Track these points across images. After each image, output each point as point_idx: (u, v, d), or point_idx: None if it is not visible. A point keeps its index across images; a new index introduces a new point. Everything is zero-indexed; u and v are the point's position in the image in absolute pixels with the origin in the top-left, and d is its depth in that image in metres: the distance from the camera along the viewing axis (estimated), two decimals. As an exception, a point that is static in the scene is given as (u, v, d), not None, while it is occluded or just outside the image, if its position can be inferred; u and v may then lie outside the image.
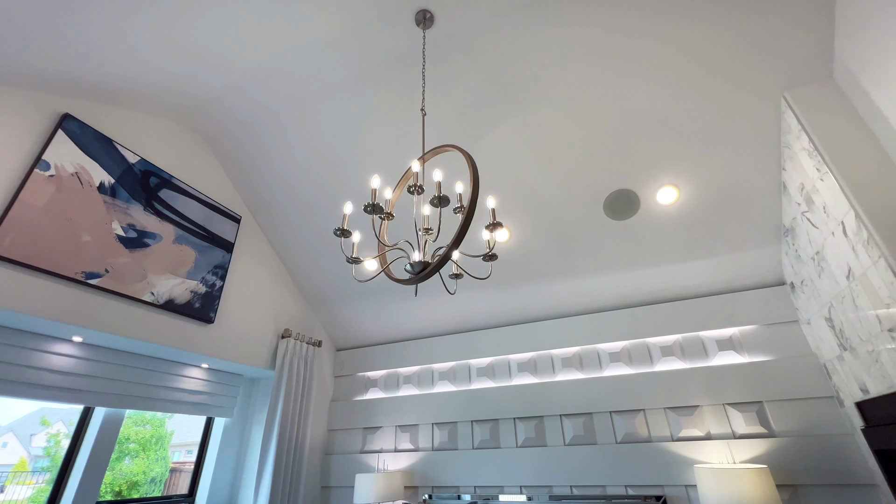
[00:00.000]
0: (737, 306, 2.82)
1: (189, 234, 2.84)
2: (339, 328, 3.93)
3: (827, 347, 2.39)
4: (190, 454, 3.27)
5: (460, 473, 3.10)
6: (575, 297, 3.18)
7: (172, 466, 3.28)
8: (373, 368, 3.83)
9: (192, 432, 3.26)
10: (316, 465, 3.53)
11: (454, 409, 3.33)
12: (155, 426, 3.29)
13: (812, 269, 2.35)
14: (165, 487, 3.12)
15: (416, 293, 1.69)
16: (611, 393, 2.91)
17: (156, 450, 3.26)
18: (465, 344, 3.54)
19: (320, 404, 3.73)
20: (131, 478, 3.00)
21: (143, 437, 3.23)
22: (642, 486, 2.63)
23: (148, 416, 3.20)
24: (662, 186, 2.59)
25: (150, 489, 3.03)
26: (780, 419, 2.49)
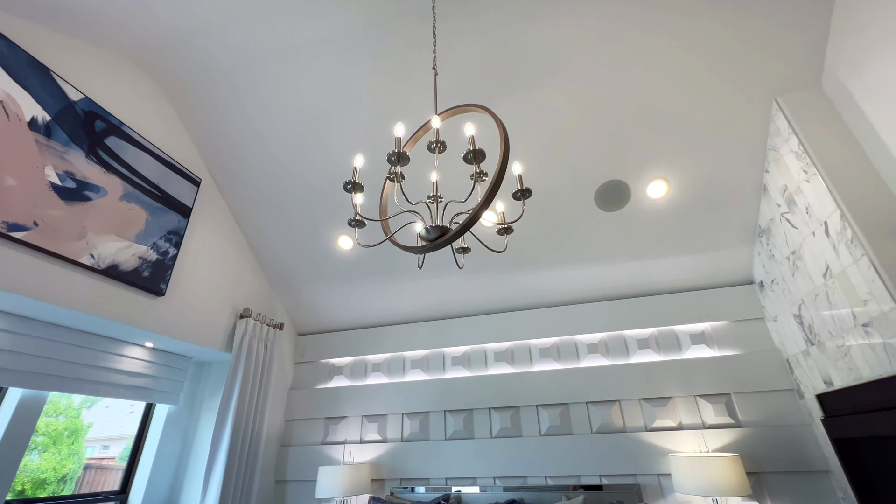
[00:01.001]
0: (709, 303, 2.93)
1: (140, 191, 2.46)
2: (302, 311, 3.64)
3: (792, 343, 2.53)
4: (106, 449, 2.87)
5: (431, 465, 2.97)
6: (556, 287, 3.16)
7: (87, 463, 2.86)
8: (338, 355, 3.59)
9: (114, 426, 2.85)
10: (271, 458, 3.24)
11: (426, 398, 3.19)
12: (70, 417, 2.85)
13: (786, 268, 2.47)
14: (77, 486, 2.70)
15: (421, 264, 1.53)
16: (587, 384, 2.92)
17: (68, 444, 2.83)
18: (440, 332, 3.41)
19: (278, 392, 3.43)
20: (38, 475, 2.57)
21: (55, 429, 2.79)
22: (616, 476, 2.65)
23: (62, 406, 2.76)
24: (654, 180, 2.61)
25: (60, 488, 2.61)
26: (746, 410, 2.61)
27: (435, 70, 1.77)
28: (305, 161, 2.82)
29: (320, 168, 2.84)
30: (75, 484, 2.66)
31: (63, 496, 2.38)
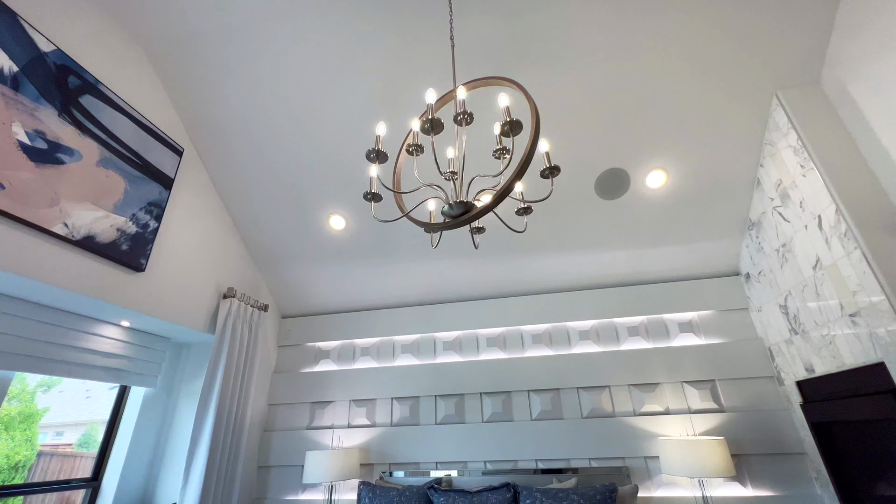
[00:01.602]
0: (697, 293, 3.01)
1: (118, 157, 2.27)
2: (287, 293, 3.51)
3: (775, 332, 2.64)
4: (60, 436, 2.69)
5: (422, 449, 2.95)
6: (550, 274, 3.17)
7: (41, 450, 2.68)
8: (325, 339, 3.49)
9: (71, 412, 2.66)
10: (254, 444, 3.14)
11: (417, 383, 3.16)
12: (24, 401, 2.66)
13: (774, 260, 2.55)
14: (30, 475, 2.53)
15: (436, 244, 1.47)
16: (578, 370, 2.96)
17: (21, 430, 2.64)
18: (432, 317, 3.37)
19: (262, 376, 3.31)
20: (-12, 462, 2.39)
21: (8, 414, 2.59)
22: (605, 459, 2.71)
23: (16, 390, 2.56)
24: (653, 170, 2.63)
25: (11, 476, 2.44)
26: (729, 396, 2.71)
27: (452, 41, 1.69)
28: (298, 135, 2.68)
29: (314, 143, 2.70)
30: (28, 472, 2.48)
31: (30, 484, 2.21)
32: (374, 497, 2.56)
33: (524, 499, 2.37)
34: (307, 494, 3.00)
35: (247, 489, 2.99)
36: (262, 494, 3.07)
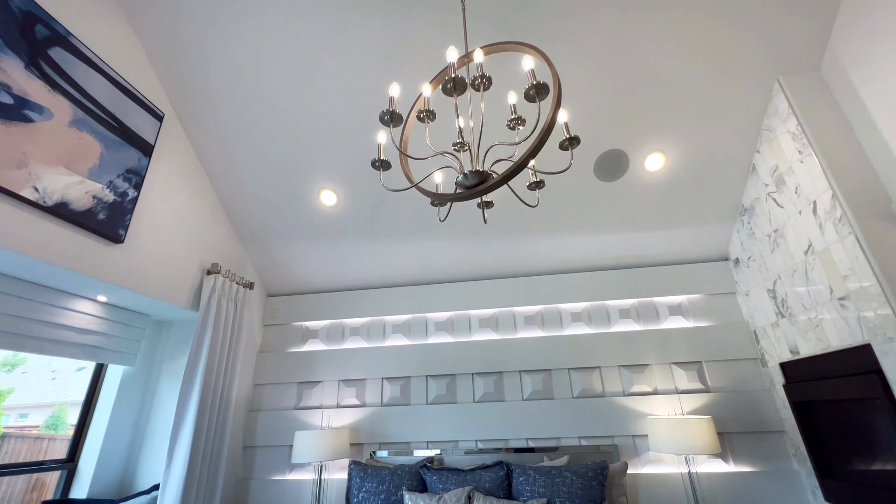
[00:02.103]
0: (687, 277, 3.06)
1: (93, 118, 2.09)
2: (273, 270, 3.39)
3: (761, 315, 2.71)
4: (24, 418, 2.56)
5: (412, 429, 2.94)
6: (544, 256, 3.15)
7: (5, 432, 2.54)
8: (314, 318, 3.40)
9: (35, 394, 2.53)
10: (239, 424, 3.05)
11: (408, 363, 3.12)
12: None
13: (765, 245, 2.60)
14: None
15: (445, 217, 1.41)
16: (570, 351, 2.98)
17: None
18: (424, 297, 3.32)
19: (247, 355, 3.21)
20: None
21: None
22: (595, 437, 2.76)
23: None
24: (653, 153, 2.62)
25: None
26: (715, 377, 2.79)
27: (463, 4, 1.60)
28: (288, 102, 2.54)
29: (306, 111, 2.57)
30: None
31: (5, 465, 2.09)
32: (366, 476, 2.54)
33: (517, 476, 2.39)
34: (295, 474, 2.96)
35: (232, 470, 2.92)
36: (247, 475, 3.01)
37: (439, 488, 2.42)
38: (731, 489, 2.51)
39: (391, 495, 2.44)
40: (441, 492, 2.40)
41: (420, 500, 2.30)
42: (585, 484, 2.26)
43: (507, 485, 2.40)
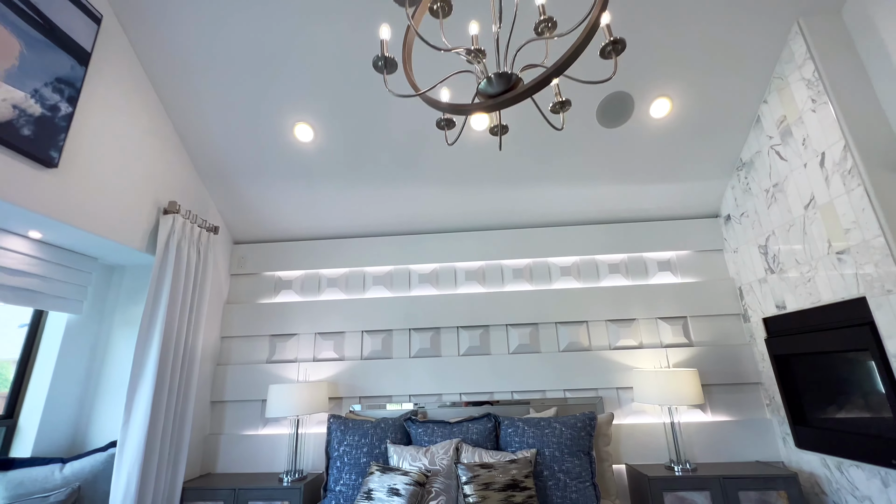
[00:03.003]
0: (677, 233, 3.02)
1: (7, 7, 1.68)
2: (241, 215, 3.07)
3: (749, 272, 2.72)
4: None
5: (394, 383, 2.83)
6: (537, 208, 3.01)
7: None
8: (287, 268, 3.15)
9: None
10: (206, 378, 2.84)
11: (390, 316, 2.97)
12: None
13: (761, 200, 2.56)
14: None
15: (454, 141, 1.20)
16: (558, 305, 2.91)
17: None
18: (407, 248, 3.13)
19: (213, 306, 2.94)
20: None
21: None
22: (579, 390, 2.75)
23: None
24: (659, 97, 2.46)
25: None
26: (699, 332, 2.81)
27: None
28: (256, 11, 2.16)
29: (277, 24, 2.20)
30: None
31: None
32: (347, 430, 2.42)
33: (506, 428, 2.34)
34: (269, 429, 2.81)
35: (200, 425, 2.73)
36: (217, 430, 2.83)
37: (425, 441, 2.34)
38: (708, 437, 2.59)
39: (374, 448, 2.34)
40: (427, 444, 2.32)
41: (406, 453, 2.22)
42: (574, 434, 2.23)
43: (494, 437, 2.35)
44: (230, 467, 2.73)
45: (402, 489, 1.95)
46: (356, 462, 2.30)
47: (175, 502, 2.30)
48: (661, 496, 2.21)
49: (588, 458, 2.22)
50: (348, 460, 2.31)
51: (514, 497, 1.89)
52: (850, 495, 2.08)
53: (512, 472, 1.97)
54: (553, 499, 2.09)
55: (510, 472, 1.96)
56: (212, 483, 2.45)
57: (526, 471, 2.00)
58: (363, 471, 2.27)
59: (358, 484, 2.24)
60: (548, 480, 2.12)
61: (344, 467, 2.30)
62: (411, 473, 2.01)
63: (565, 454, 2.18)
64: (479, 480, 1.90)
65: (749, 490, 2.20)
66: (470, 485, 1.90)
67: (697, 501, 2.20)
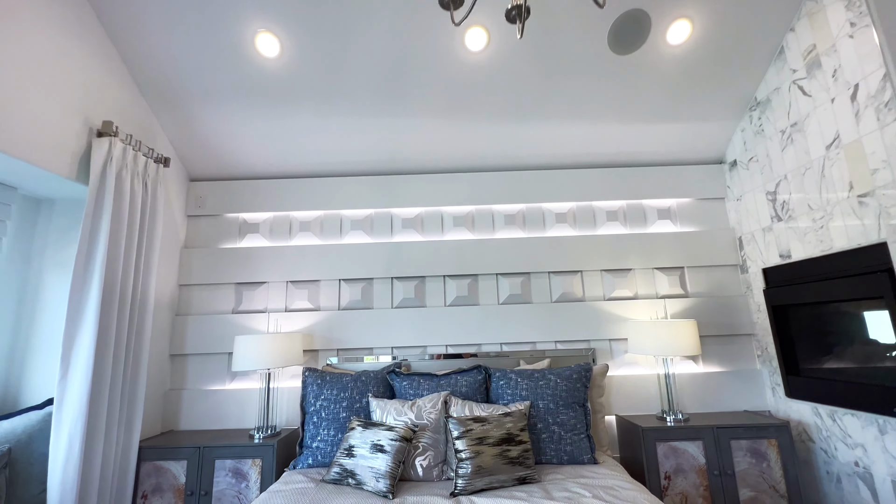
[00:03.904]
0: (679, 179, 2.83)
1: None
2: (196, 146, 2.66)
3: (752, 221, 2.58)
4: None
5: (375, 334, 2.62)
6: (533, 147, 2.73)
7: None
8: (253, 209, 2.80)
9: None
10: (163, 330, 2.54)
11: (370, 263, 2.71)
12: None
13: (775, 143, 2.38)
14: None
15: (461, 20, 0.91)
16: (551, 254, 2.73)
17: None
18: (390, 189, 2.83)
19: (167, 250, 2.60)
20: None
21: None
22: (571, 342, 2.63)
23: None
24: (678, 18, 2.17)
25: None
26: (695, 283, 2.70)
27: None
28: None
29: None
30: None
31: None
32: (324, 384, 2.22)
33: (497, 380, 2.19)
34: (237, 383, 2.58)
35: (157, 380, 2.47)
36: (178, 385, 2.58)
37: (410, 394, 2.17)
38: (698, 388, 2.54)
39: (354, 402, 2.15)
40: (413, 397, 2.15)
41: (390, 407, 2.04)
42: (570, 386, 2.11)
43: (485, 389, 2.21)
44: (195, 424, 2.51)
45: (388, 445, 1.78)
46: (335, 417, 2.11)
47: (131, 462, 2.08)
48: (654, 446, 2.15)
49: (583, 409, 2.11)
50: (326, 415, 2.12)
51: (510, 451, 1.75)
52: (840, 442, 2.06)
53: (507, 425, 1.82)
54: (547, 451, 1.98)
55: (505, 426, 1.82)
56: (174, 441, 2.23)
57: (521, 424, 1.86)
58: (343, 426, 2.09)
59: (337, 440, 2.06)
60: (542, 433, 2.01)
61: (321, 423, 2.12)
62: (397, 428, 1.84)
63: (560, 406, 2.06)
64: (472, 435, 1.75)
65: (741, 439, 2.16)
66: (462, 440, 1.74)
67: (690, 451, 2.15)
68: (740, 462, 2.13)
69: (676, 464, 2.14)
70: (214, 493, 2.10)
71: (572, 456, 1.97)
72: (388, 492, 1.66)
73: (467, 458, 1.69)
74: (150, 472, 2.13)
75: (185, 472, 2.12)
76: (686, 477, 2.12)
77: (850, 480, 2.01)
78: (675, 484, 2.12)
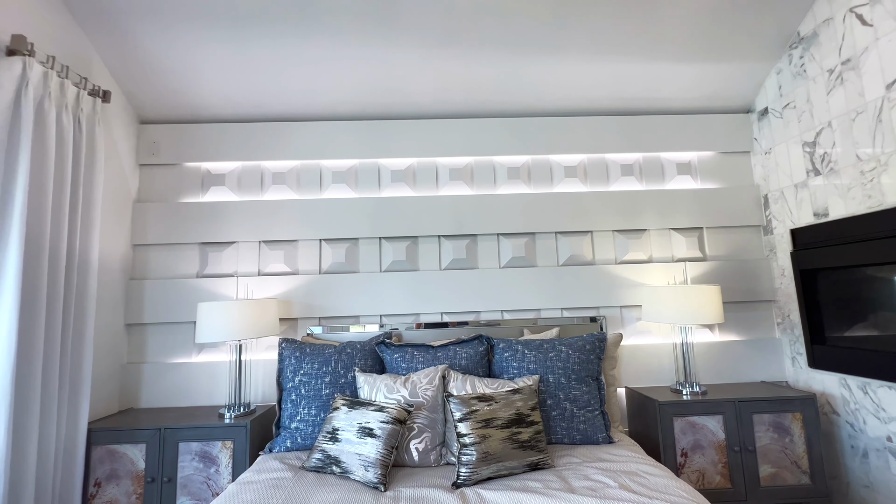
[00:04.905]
0: (701, 130, 2.54)
1: None
2: (145, 80, 2.23)
3: (783, 176, 2.32)
4: None
5: (362, 301, 2.33)
6: (541, 90, 2.38)
7: None
8: (218, 157, 2.41)
9: None
10: (115, 296, 2.20)
11: (355, 222, 2.39)
12: None
13: (820, 84, 2.08)
14: None
15: None
16: (559, 212, 2.44)
17: None
18: (378, 136, 2.46)
19: (115, 205, 2.21)
20: None
21: None
22: (578, 309, 2.39)
23: None
24: (725, -74, 1.80)
25: None
26: (714, 245, 2.47)
27: None
28: None
29: None
30: None
31: None
32: (304, 356, 1.94)
33: (502, 352, 1.94)
34: (205, 356, 2.29)
35: (110, 352, 2.15)
36: (137, 358, 2.27)
37: (402, 368, 1.91)
38: (712, 358, 2.35)
39: (338, 377, 1.89)
40: (406, 371, 1.89)
41: (380, 383, 1.78)
42: (583, 358, 1.88)
43: (486, 362, 1.96)
44: (157, 401, 2.23)
45: (378, 428, 1.52)
46: (317, 394, 1.85)
47: (79, 446, 1.79)
48: (671, 422, 1.96)
49: (597, 383, 1.89)
50: (306, 392, 1.86)
51: (520, 434, 1.52)
52: (871, 416, 1.90)
53: (516, 404, 1.58)
54: (558, 431, 1.76)
55: (514, 405, 1.58)
56: (132, 421, 1.95)
57: (532, 402, 1.62)
58: (325, 405, 1.83)
59: (319, 420, 1.81)
60: (551, 411, 1.78)
61: (301, 400, 1.85)
62: (388, 409, 1.58)
63: (572, 380, 1.83)
64: (477, 417, 1.51)
65: (763, 413, 1.99)
66: (465, 422, 1.50)
67: (709, 426, 1.97)
68: (762, 437, 1.97)
69: (694, 440, 1.96)
70: (179, 479, 1.84)
71: (586, 435, 1.76)
72: (378, 482, 1.42)
73: (472, 444, 1.45)
74: (104, 458, 1.85)
75: (144, 456, 1.85)
76: (704, 454, 1.95)
77: (880, 456, 1.87)
78: (692, 461, 1.95)
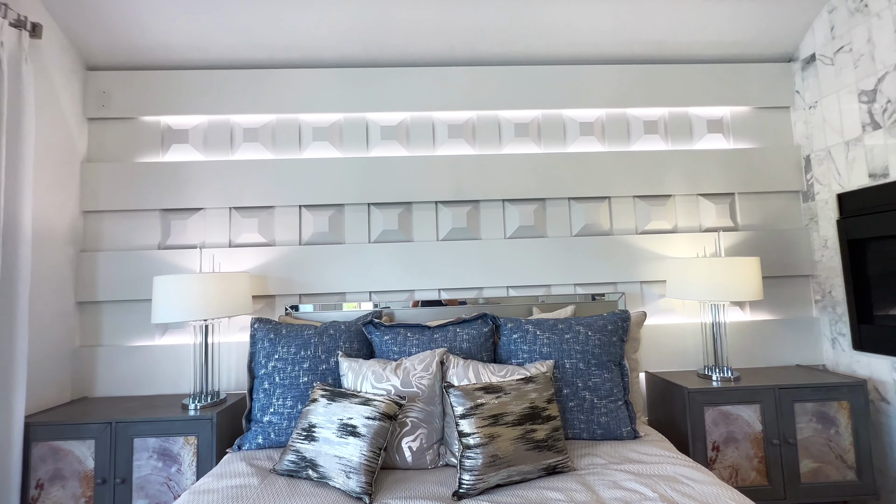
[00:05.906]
0: (735, 81, 2.22)
1: None
2: (88, 14, 1.88)
3: (829, 133, 2.02)
4: None
5: (347, 276, 2.05)
6: (551, 33, 2.05)
7: None
8: (179, 111, 2.08)
9: None
10: (61, 270, 1.90)
11: (340, 185, 2.08)
12: None
13: (886, 21, 1.76)
14: None
15: None
16: (573, 175, 2.14)
17: None
18: (364, 86, 2.13)
19: (56, 164, 1.89)
20: None
21: None
22: (595, 285, 2.12)
23: None
24: None
25: None
26: (746, 213, 2.19)
27: None
28: None
29: None
30: None
31: None
32: (279, 339, 1.66)
33: (510, 333, 1.67)
34: (170, 338, 2.01)
35: (57, 335, 1.87)
36: (91, 341, 1.99)
37: (394, 352, 1.64)
38: (742, 339, 2.10)
39: (319, 363, 1.62)
40: (397, 356, 1.62)
41: (367, 370, 1.51)
42: (604, 340, 1.61)
43: (491, 345, 1.69)
44: (116, 389, 1.96)
45: (362, 426, 1.26)
46: (293, 382, 1.58)
47: (13, 444, 1.53)
48: (702, 411, 1.72)
49: (619, 369, 1.63)
50: (281, 380, 1.59)
51: (535, 432, 1.26)
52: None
53: (530, 395, 1.32)
54: (576, 424, 1.51)
55: (528, 397, 1.31)
56: (80, 414, 1.68)
57: (548, 393, 1.36)
58: (304, 394, 1.57)
59: (296, 413, 1.54)
60: (568, 401, 1.53)
61: (275, 389, 1.59)
62: (375, 402, 1.32)
63: (592, 366, 1.57)
64: (483, 412, 1.24)
65: (806, 402, 1.74)
66: (469, 419, 1.23)
67: (744, 416, 1.73)
68: (804, 429, 1.73)
69: (727, 432, 1.72)
70: (135, 480, 1.59)
71: (608, 429, 1.51)
72: (362, 492, 1.17)
73: (477, 446, 1.19)
74: (45, 456, 1.59)
75: (93, 454, 1.59)
76: (738, 447, 1.71)
77: (941, 450, 1.64)
78: (725, 456, 1.71)
